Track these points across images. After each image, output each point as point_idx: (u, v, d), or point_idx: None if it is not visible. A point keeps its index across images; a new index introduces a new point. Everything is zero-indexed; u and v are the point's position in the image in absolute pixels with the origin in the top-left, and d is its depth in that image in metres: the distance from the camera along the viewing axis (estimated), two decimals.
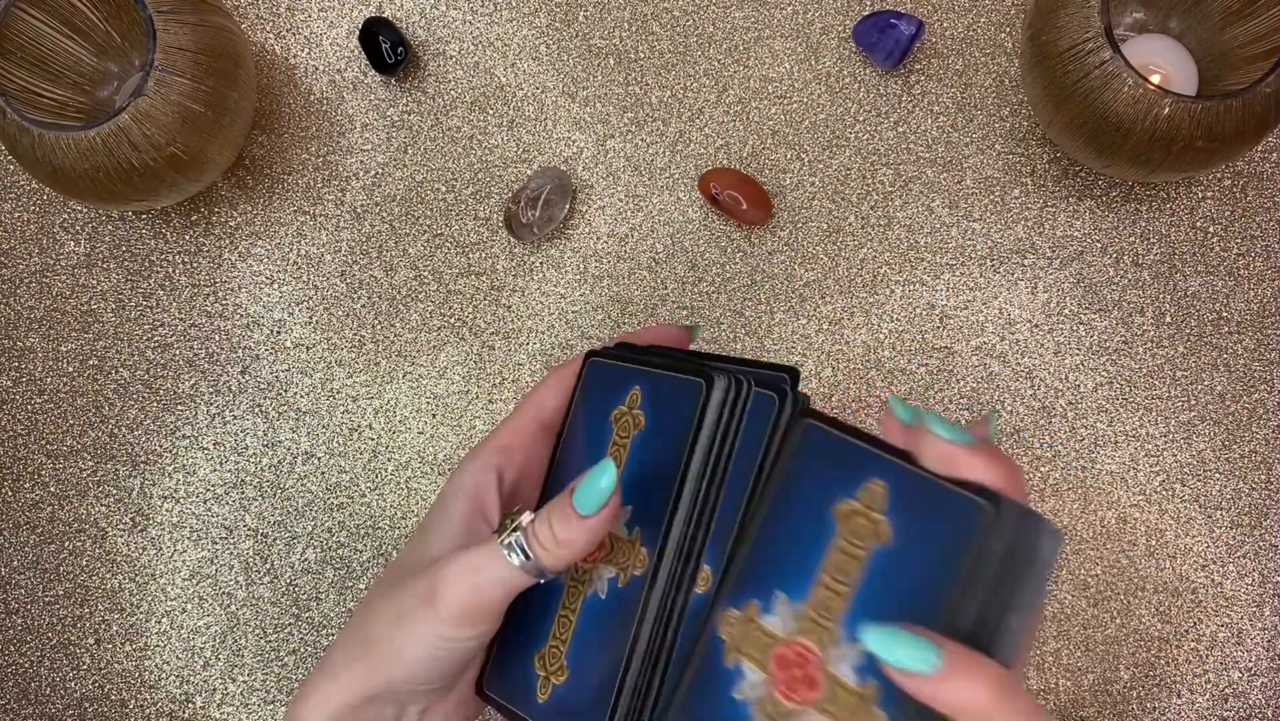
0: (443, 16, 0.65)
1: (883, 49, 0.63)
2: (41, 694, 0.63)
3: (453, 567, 0.42)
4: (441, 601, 0.42)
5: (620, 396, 0.43)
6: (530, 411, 0.48)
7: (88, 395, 0.64)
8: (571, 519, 0.41)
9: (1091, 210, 0.64)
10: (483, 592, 0.41)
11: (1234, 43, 0.59)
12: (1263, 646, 0.62)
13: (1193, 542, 0.62)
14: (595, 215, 0.64)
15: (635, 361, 0.43)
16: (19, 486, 0.64)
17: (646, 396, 0.42)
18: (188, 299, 0.64)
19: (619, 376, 0.43)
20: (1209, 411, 0.63)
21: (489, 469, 0.47)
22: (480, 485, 0.46)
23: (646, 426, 0.41)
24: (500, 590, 0.42)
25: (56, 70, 0.60)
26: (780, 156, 0.64)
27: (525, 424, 0.48)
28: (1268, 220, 0.64)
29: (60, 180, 0.56)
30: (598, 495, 0.40)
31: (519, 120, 0.65)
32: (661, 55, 0.65)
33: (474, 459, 0.47)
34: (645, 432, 0.41)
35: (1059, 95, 0.56)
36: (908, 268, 0.64)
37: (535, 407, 0.48)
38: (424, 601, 0.42)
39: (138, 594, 0.63)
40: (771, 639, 0.36)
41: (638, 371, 0.42)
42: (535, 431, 0.48)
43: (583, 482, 0.41)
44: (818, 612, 0.35)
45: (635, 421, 0.42)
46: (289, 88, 0.65)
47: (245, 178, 0.65)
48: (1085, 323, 0.63)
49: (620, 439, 0.42)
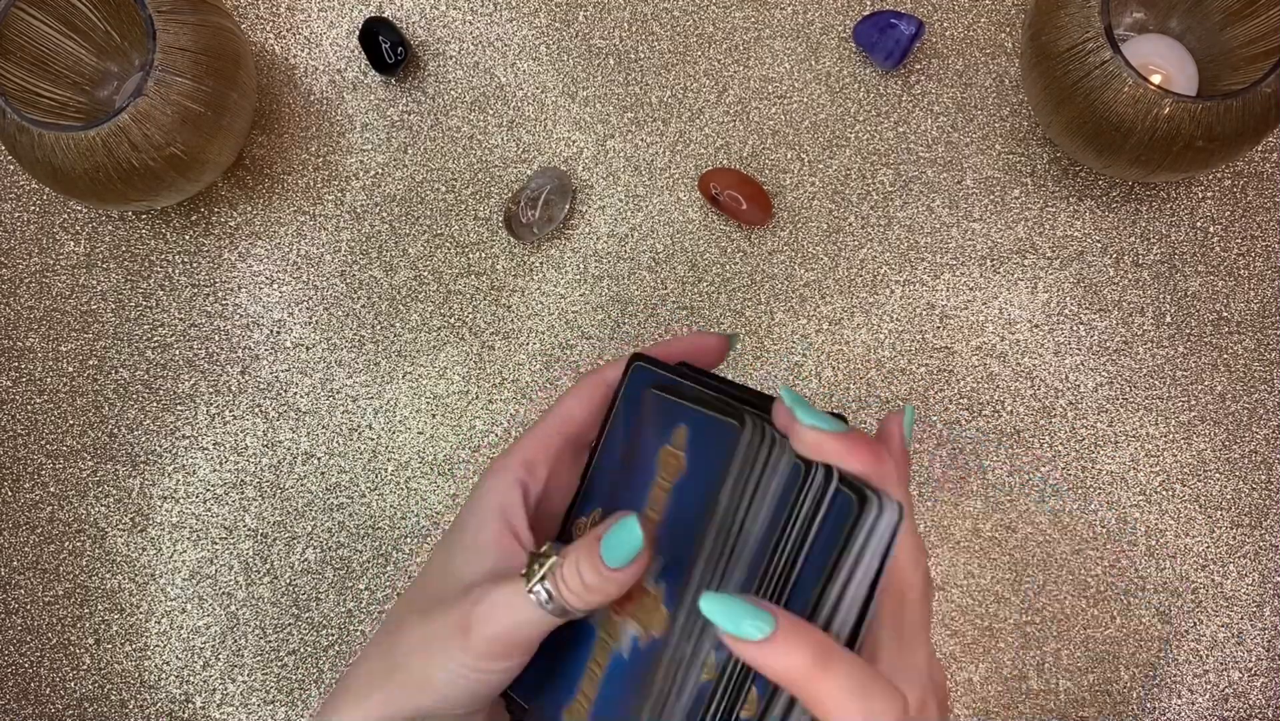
0: (443, 16, 0.65)
1: (883, 49, 0.63)
2: (41, 694, 0.63)
3: (485, 606, 0.41)
4: (476, 635, 0.41)
5: (668, 435, 0.40)
6: (555, 424, 0.46)
7: (88, 395, 0.64)
8: (600, 568, 0.39)
9: (1091, 210, 0.64)
10: (518, 630, 0.41)
11: (1234, 43, 0.59)
12: (1263, 646, 0.62)
13: (1193, 542, 0.62)
14: (595, 215, 0.64)
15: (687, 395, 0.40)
16: (19, 486, 0.64)
17: (690, 438, 0.39)
18: (188, 299, 0.64)
19: (670, 411, 0.40)
20: (1209, 411, 0.63)
21: (514, 485, 0.45)
22: (508, 506, 0.44)
23: (686, 471, 0.39)
24: (534, 630, 0.41)
25: (56, 70, 0.60)
26: (780, 156, 0.64)
27: (551, 438, 0.46)
28: (1268, 220, 0.64)
29: (60, 180, 0.56)
30: (627, 551, 0.38)
31: (519, 120, 0.65)
32: (661, 55, 0.65)
33: (499, 475, 0.45)
34: (684, 478, 0.39)
35: (1059, 95, 0.56)
36: (908, 268, 0.64)
37: (561, 421, 0.46)
38: (457, 632, 0.41)
39: (138, 594, 0.63)
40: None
41: (688, 409, 0.40)
42: (561, 446, 0.46)
43: (611, 533, 0.39)
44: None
45: (678, 464, 0.40)
46: (289, 88, 0.65)
47: (245, 178, 0.65)
48: (1085, 322, 0.63)
49: (664, 482, 0.40)
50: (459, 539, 0.45)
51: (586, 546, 0.39)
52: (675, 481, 0.39)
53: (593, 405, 0.46)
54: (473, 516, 0.45)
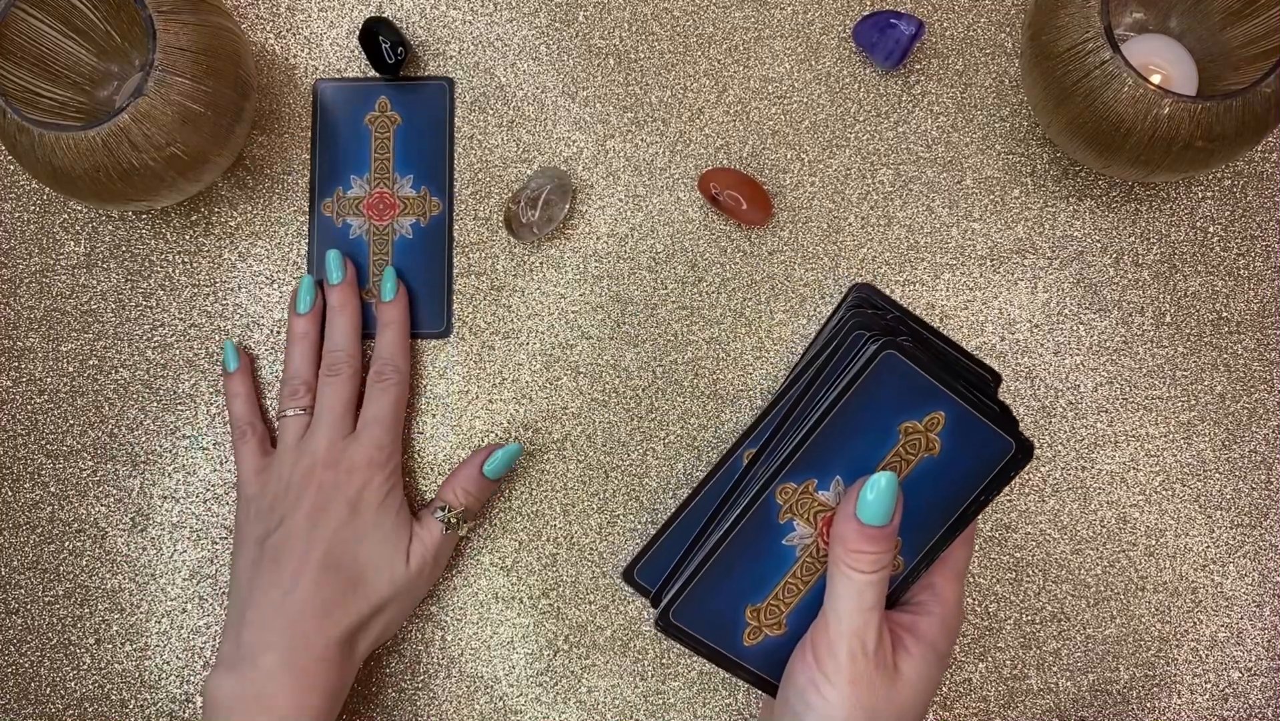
0: (443, 16, 0.65)
1: (883, 49, 0.63)
2: (41, 694, 0.63)
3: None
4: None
5: (917, 411, 0.48)
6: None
7: (88, 395, 0.64)
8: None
9: (1091, 210, 0.64)
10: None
11: (1234, 43, 0.59)
12: (1263, 646, 0.62)
13: (1193, 542, 0.62)
14: (595, 215, 0.64)
15: (940, 376, 0.47)
16: (19, 486, 0.64)
17: (950, 428, 0.48)
18: (188, 299, 0.64)
19: (924, 390, 0.47)
20: (1209, 411, 0.63)
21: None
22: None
23: (941, 455, 0.48)
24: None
25: (56, 70, 0.60)
26: (780, 156, 0.64)
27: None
28: (1268, 220, 0.64)
29: (60, 180, 0.56)
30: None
31: (519, 120, 0.65)
32: (661, 55, 0.65)
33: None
34: (938, 460, 0.48)
35: (1059, 95, 0.56)
36: (908, 268, 0.64)
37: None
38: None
39: (138, 594, 0.63)
40: (824, 507, 0.50)
41: (946, 397, 0.47)
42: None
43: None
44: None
45: (928, 444, 0.48)
46: (289, 88, 0.65)
47: (245, 178, 0.65)
48: (1085, 323, 0.63)
49: (907, 453, 0.48)
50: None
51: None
52: (924, 458, 0.48)
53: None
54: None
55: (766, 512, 0.50)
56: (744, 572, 0.51)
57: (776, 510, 0.50)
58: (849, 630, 0.47)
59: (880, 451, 0.48)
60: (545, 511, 0.63)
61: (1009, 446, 0.48)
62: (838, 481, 0.49)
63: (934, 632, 0.50)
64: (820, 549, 0.50)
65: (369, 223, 0.64)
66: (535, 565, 0.63)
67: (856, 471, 0.49)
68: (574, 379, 0.63)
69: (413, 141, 0.64)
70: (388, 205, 0.64)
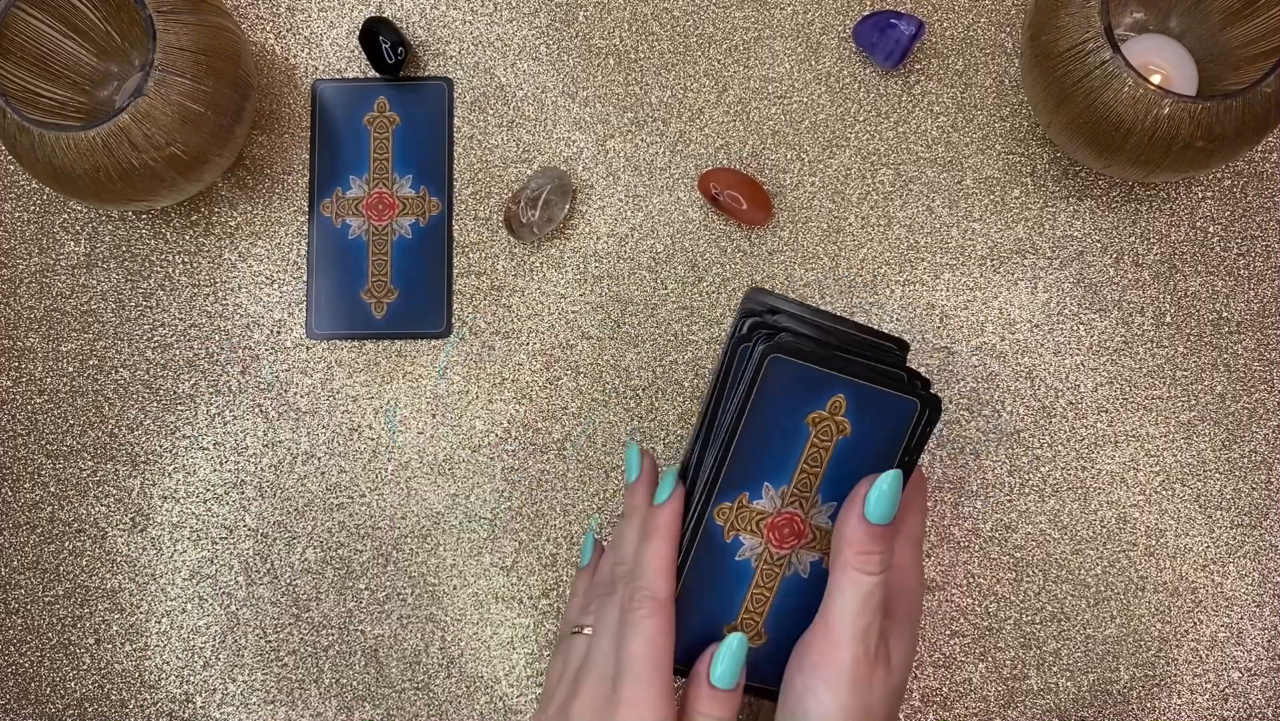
0: (443, 16, 0.65)
1: (883, 49, 0.63)
2: (41, 694, 0.63)
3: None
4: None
5: (819, 401, 0.49)
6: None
7: (88, 395, 0.64)
8: (718, 695, 0.49)
9: (1091, 210, 0.64)
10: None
11: (1234, 43, 0.59)
12: (1263, 646, 0.62)
13: (1193, 542, 0.62)
14: (595, 215, 0.64)
15: (827, 361, 0.49)
16: (19, 486, 0.64)
17: (853, 407, 0.49)
18: (188, 299, 0.64)
19: (817, 379, 0.49)
20: (1209, 411, 0.63)
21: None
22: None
23: (854, 433, 0.50)
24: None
25: (56, 70, 0.60)
26: (780, 156, 0.64)
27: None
28: (1268, 220, 0.64)
29: (60, 180, 0.56)
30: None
31: (519, 120, 0.65)
32: (661, 55, 0.65)
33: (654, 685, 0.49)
34: (852, 439, 0.50)
35: (1059, 95, 0.56)
36: (908, 268, 0.64)
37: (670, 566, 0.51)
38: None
39: (138, 594, 0.63)
40: (762, 514, 0.50)
41: (839, 379, 0.49)
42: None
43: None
44: (799, 490, 0.50)
45: (839, 427, 0.49)
46: (289, 88, 0.65)
47: (245, 178, 0.65)
48: (1085, 323, 0.63)
49: (822, 442, 0.50)
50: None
51: (696, 686, 0.49)
52: (838, 440, 0.50)
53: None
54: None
55: (711, 537, 0.50)
56: (711, 597, 0.51)
57: (720, 531, 0.50)
58: (854, 633, 0.47)
59: (797, 447, 0.49)
60: (545, 511, 0.63)
61: (914, 406, 0.50)
62: (768, 487, 0.50)
63: (908, 608, 0.51)
64: (772, 553, 0.51)
65: (368, 223, 0.64)
66: (535, 565, 0.63)
67: (782, 474, 0.50)
68: (574, 379, 0.63)
69: (412, 141, 0.64)
70: (387, 205, 0.64)
